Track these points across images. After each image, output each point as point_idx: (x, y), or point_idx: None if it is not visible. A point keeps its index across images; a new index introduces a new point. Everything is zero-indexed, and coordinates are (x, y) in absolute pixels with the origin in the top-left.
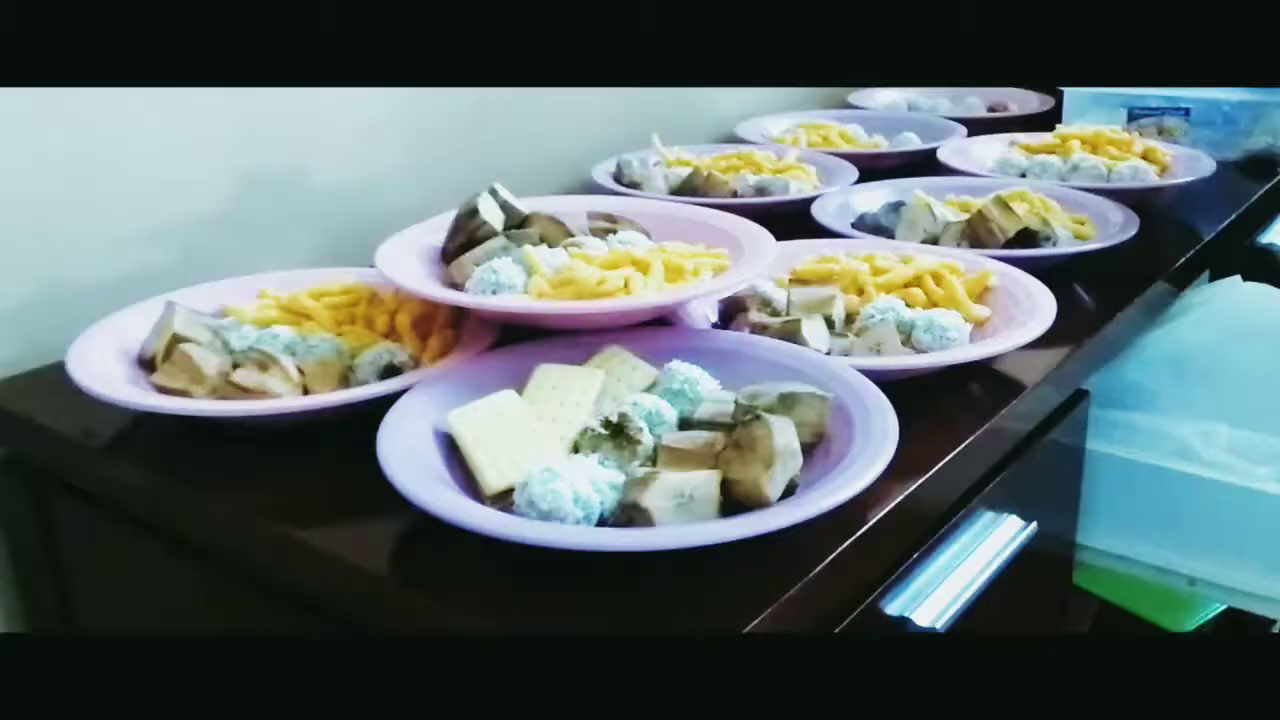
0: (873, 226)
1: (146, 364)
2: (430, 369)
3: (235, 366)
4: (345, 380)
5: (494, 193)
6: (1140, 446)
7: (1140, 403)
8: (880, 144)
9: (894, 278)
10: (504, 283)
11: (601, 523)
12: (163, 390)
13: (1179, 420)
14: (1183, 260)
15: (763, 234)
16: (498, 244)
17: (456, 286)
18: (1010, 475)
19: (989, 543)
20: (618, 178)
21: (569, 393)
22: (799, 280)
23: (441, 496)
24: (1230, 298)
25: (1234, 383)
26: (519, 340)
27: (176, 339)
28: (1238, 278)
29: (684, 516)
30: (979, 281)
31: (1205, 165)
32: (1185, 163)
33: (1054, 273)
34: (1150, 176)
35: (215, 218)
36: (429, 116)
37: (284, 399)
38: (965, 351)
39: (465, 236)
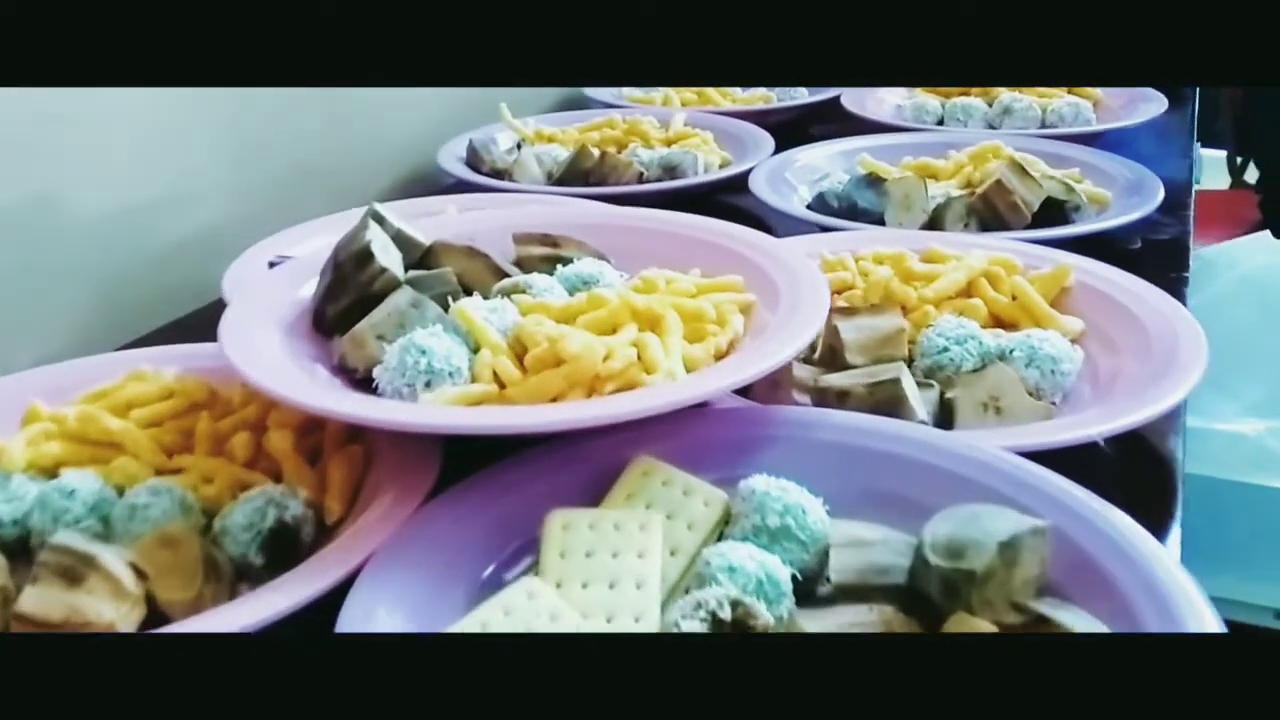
0: (847, 210)
1: None
2: (358, 534)
3: (14, 566)
4: (210, 564)
5: (379, 218)
6: (1203, 456)
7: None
8: (770, 98)
9: (944, 287)
10: (439, 368)
11: None
12: None
13: (1240, 418)
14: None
15: (776, 244)
16: (403, 300)
17: (344, 368)
18: None
19: None
20: (474, 164)
21: (620, 561)
22: (840, 309)
23: None
24: (1257, 259)
25: None
26: (472, 457)
27: None
28: (1266, 233)
29: None
30: (1054, 281)
31: (1156, 102)
32: (1118, 95)
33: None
34: (1091, 114)
35: None
36: (220, 110)
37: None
38: (1156, 401)
39: (356, 294)
